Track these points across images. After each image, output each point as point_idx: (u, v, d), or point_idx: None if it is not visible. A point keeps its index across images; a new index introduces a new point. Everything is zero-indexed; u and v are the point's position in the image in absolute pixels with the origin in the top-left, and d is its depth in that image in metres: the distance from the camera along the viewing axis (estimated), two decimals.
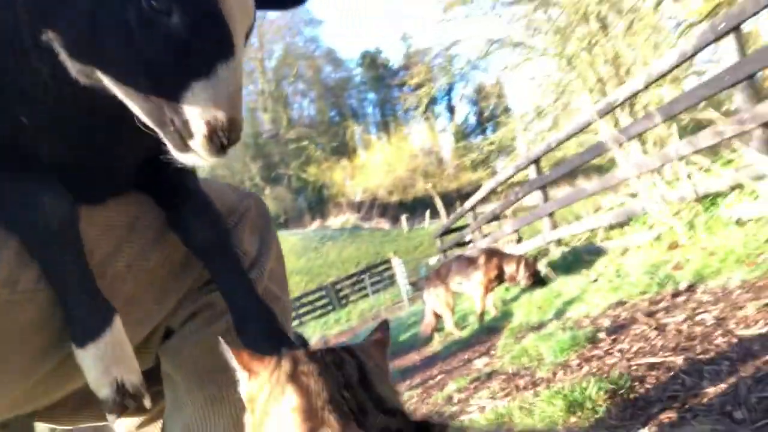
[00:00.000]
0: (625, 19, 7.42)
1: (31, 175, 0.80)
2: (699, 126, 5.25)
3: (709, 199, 4.01)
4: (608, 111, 5.18)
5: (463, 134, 25.88)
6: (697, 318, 2.30)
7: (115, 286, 0.86)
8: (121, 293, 0.87)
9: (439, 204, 17.22)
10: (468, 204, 9.47)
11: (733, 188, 3.80)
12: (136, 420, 1.22)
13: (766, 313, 2.00)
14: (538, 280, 4.90)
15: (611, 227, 5.54)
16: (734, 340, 1.82)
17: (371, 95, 28.54)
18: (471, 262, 5.05)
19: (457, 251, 9.94)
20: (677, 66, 4.18)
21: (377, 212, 26.90)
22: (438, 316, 5.18)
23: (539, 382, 2.28)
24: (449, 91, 25.84)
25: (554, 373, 2.29)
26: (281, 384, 0.63)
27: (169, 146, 0.73)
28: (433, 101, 19.27)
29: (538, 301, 4.53)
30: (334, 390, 0.61)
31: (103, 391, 0.81)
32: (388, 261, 17.65)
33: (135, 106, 0.72)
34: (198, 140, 0.70)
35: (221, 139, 0.69)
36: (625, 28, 7.28)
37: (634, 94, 4.76)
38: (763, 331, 1.80)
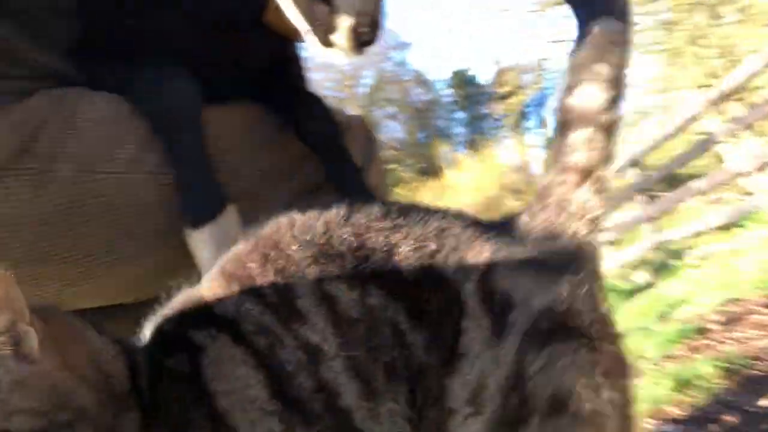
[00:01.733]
0: (736, 7, 6.79)
1: (163, 64, 0.86)
2: None
3: None
4: (719, 100, 4.64)
5: None
6: None
7: (229, 181, 0.88)
8: (235, 188, 0.89)
9: None
10: None
11: None
12: None
13: None
14: None
15: (719, 228, 4.99)
16: None
17: (460, 114, 28.39)
18: None
19: None
20: None
21: None
22: None
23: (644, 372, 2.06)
24: (540, 104, 25.01)
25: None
26: None
27: (314, 41, 0.81)
28: (523, 115, 18.74)
29: (642, 308, 4.15)
30: None
31: None
32: None
33: (291, 4, 0.80)
34: (343, 34, 0.77)
35: (364, 36, 0.77)
36: (738, 17, 6.66)
37: (750, 77, 4.24)
38: None
